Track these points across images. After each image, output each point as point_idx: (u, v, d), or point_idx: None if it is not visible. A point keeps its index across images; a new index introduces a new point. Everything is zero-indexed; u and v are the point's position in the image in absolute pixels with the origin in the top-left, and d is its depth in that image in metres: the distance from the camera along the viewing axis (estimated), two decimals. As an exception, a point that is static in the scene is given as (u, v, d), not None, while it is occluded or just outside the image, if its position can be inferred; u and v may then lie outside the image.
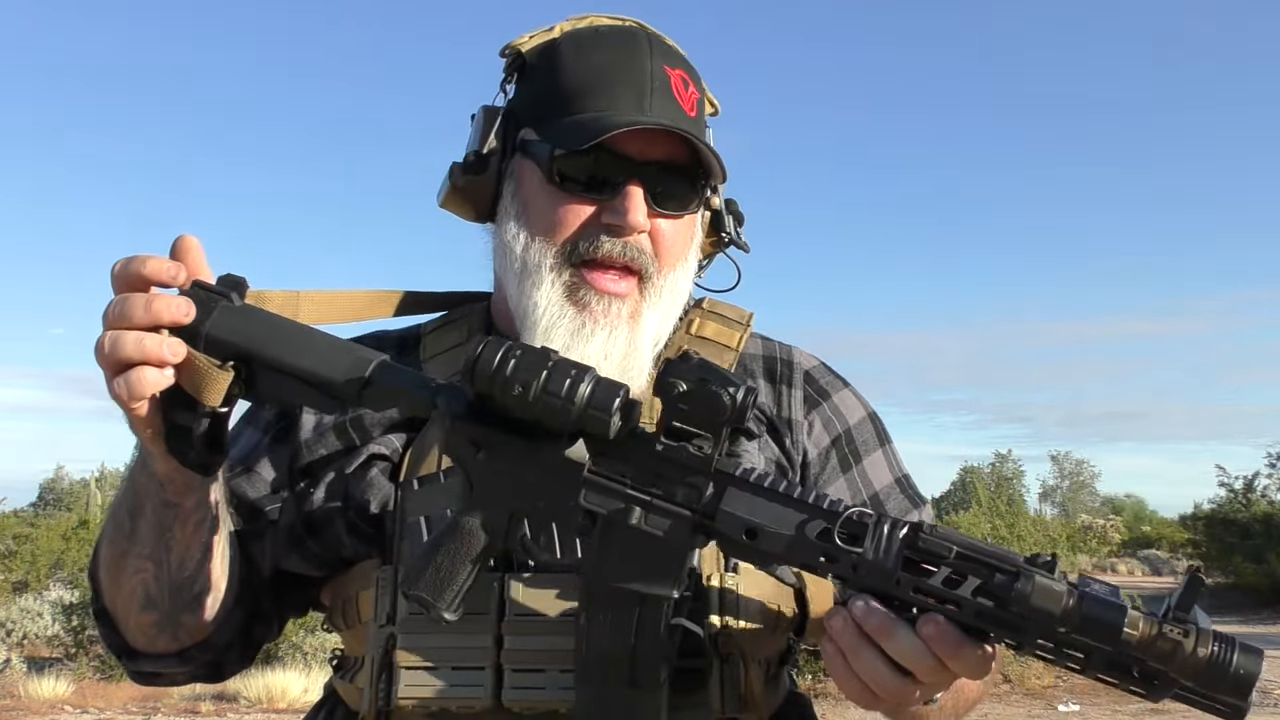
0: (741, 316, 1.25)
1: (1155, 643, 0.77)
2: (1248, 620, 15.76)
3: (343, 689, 1.17)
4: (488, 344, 0.88)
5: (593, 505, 0.90)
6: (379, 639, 1.06)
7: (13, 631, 10.93)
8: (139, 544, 1.04)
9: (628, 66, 1.13)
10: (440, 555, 0.93)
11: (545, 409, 0.87)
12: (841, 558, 0.85)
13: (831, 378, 1.28)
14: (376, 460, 1.13)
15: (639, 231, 1.11)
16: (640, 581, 0.90)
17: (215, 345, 0.92)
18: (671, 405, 0.88)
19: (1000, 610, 0.82)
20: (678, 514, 0.89)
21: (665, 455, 0.89)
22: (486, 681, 1.02)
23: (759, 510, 0.88)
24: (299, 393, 0.95)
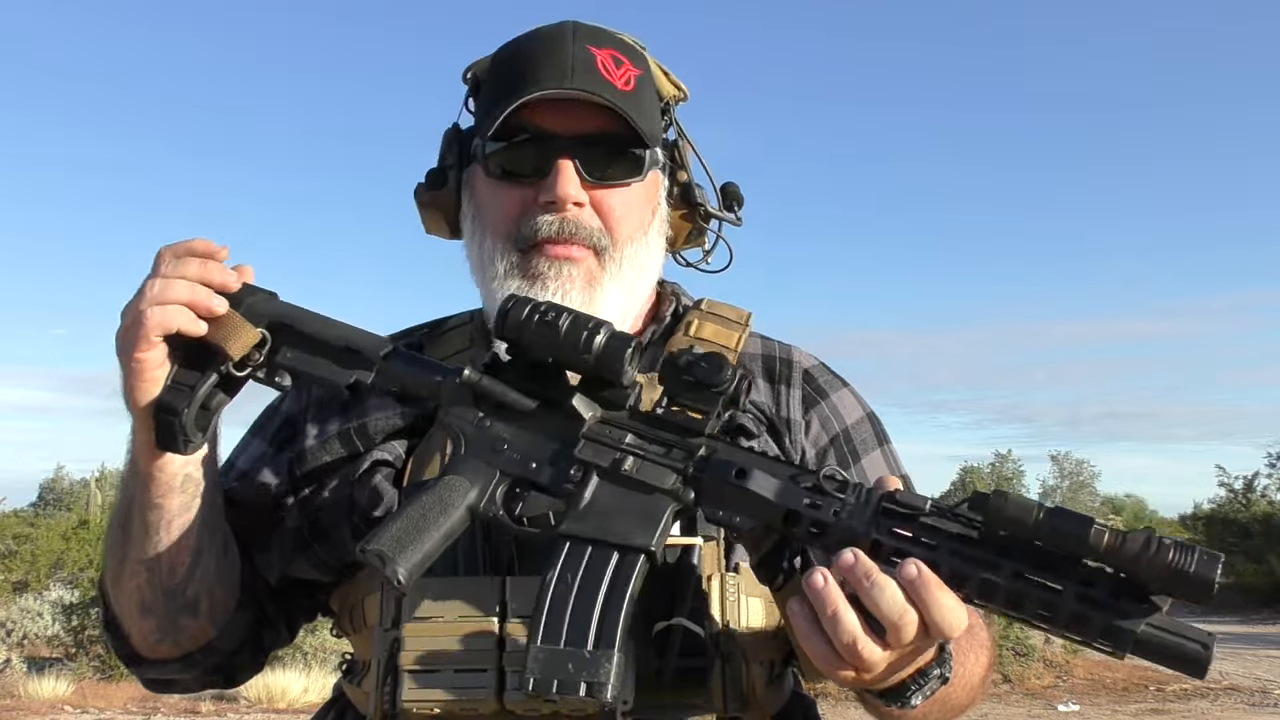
0: (740, 317, 1.25)
1: (1122, 545, 0.79)
2: (1248, 620, 15.76)
3: (351, 692, 1.18)
4: (516, 299, 0.95)
5: (587, 457, 0.94)
6: (384, 642, 1.06)
7: (13, 631, 10.94)
8: (131, 550, 1.07)
9: (548, 52, 1.14)
10: (412, 509, 0.94)
11: (570, 342, 0.92)
12: (826, 503, 0.88)
13: (830, 377, 1.28)
14: (380, 466, 1.14)
15: (572, 203, 1.12)
16: (620, 534, 0.91)
17: (254, 316, 1.00)
18: (675, 375, 0.93)
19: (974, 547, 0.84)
20: (670, 466, 0.93)
21: (664, 417, 0.94)
22: (489, 683, 1.01)
23: (750, 461, 0.92)
24: (317, 361, 1.00)
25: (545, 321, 0.92)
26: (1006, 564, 0.83)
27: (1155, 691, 9.71)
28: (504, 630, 1.03)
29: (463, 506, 0.94)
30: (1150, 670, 10.67)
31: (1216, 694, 9.54)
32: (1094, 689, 9.90)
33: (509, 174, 1.15)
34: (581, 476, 0.93)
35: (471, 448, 0.96)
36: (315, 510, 1.16)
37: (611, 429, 0.95)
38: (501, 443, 0.96)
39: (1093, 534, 0.79)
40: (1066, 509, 0.81)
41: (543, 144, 1.13)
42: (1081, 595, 0.81)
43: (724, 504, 0.91)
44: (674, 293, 1.29)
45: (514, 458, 0.95)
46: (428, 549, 0.92)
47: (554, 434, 0.95)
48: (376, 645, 1.08)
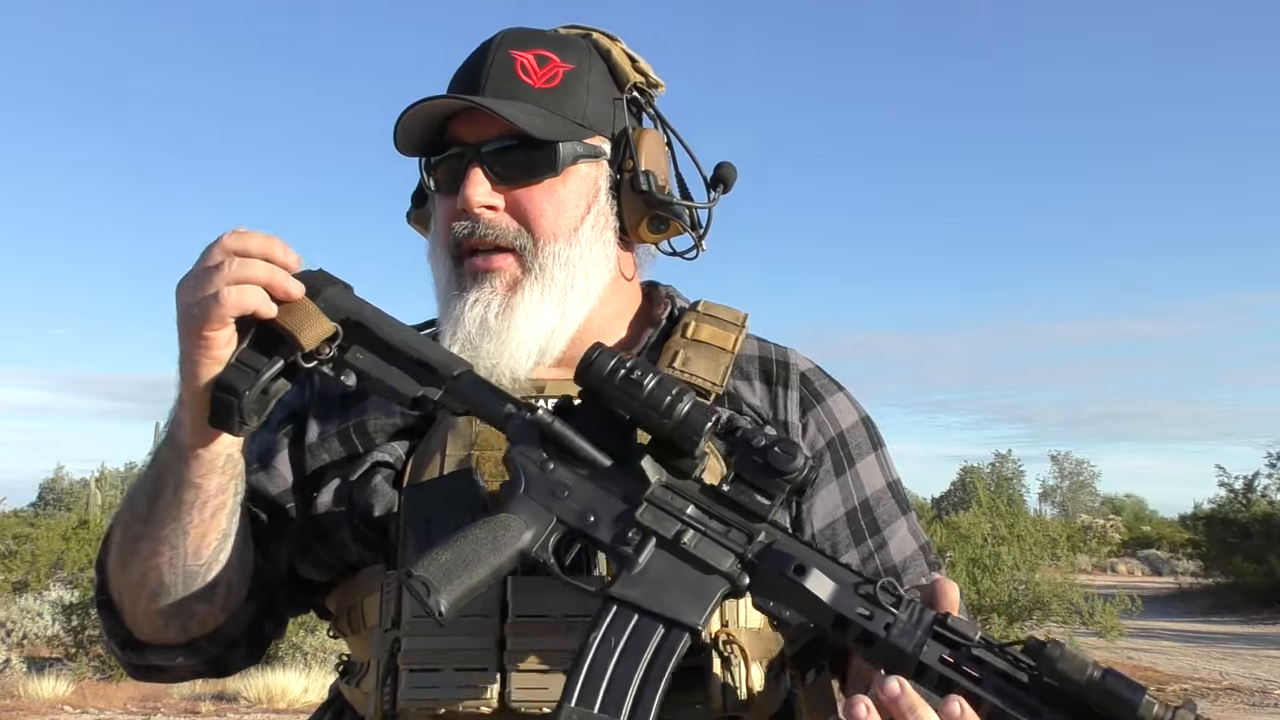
0: (736, 318, 1.25)
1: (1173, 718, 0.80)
2: (1248, 620, 15.76)
3: (349, 693, 1.17)
4: (602, 349, 0.94)
5: (648, 523, 0.92)
6: (384, 643, 1.06)
7: (13, 631, 10.94)
8: (155, 526, 1.04)
9: (470, 64, 1.18)
10: (464, 543, 0.92)
11: (653, 403, 0.91)
12: (878, 614, 0.88)
13: (826, 380, 1.27)
14: (380, 467, 1.14)
15: (478, 207, 1.13)
16: (670, 607, 0.91)
17: (330, 306, 0.98)
18: (746, 454, 0.92)
19: (1022, 689, 0.84)
20: (728, 547, 0.92)
21: (730, 496, 0.93)
22: (491, 684, 1.01)
23: (810, 558, 0.91)
24: (386, 370, 0.99)
25: (630, 379, 0.91)
26: (1048, 713, 0.83)
27: (1155, 691, 9.69)
28: (505, 630, 1.03)
29: (515, 548, 0.92)
30: (1150, 670, 10.67)
31: (1216, 694, 9.53)
32: (1094, 689, 9.89)
33: (441, 186, 1.18)
34: (639, 541, 0.92)
35: (532, 488, 0.94)
36: (314, 511, 1.15)
37: (675, 496, 0.94)
38: (563, 489, 0.94)
39: (1143, 704, 0.80)
40: (1120, 673, 0.81)
41: (459, 155, 1.16)
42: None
43: (777, 596, 0.91)
44: (669, 295, 1.29)
45: (573, 507, 0.94)
46: (473, 585, 0.91)
47: (617, 491, 0.94)
48: (376, 646, 1.08)
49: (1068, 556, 13.74)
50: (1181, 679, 10.23)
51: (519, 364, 1.13)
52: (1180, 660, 11.49)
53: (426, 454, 1.12)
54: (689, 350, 1.19)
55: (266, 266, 0.95)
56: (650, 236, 1.25)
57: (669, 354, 1.19)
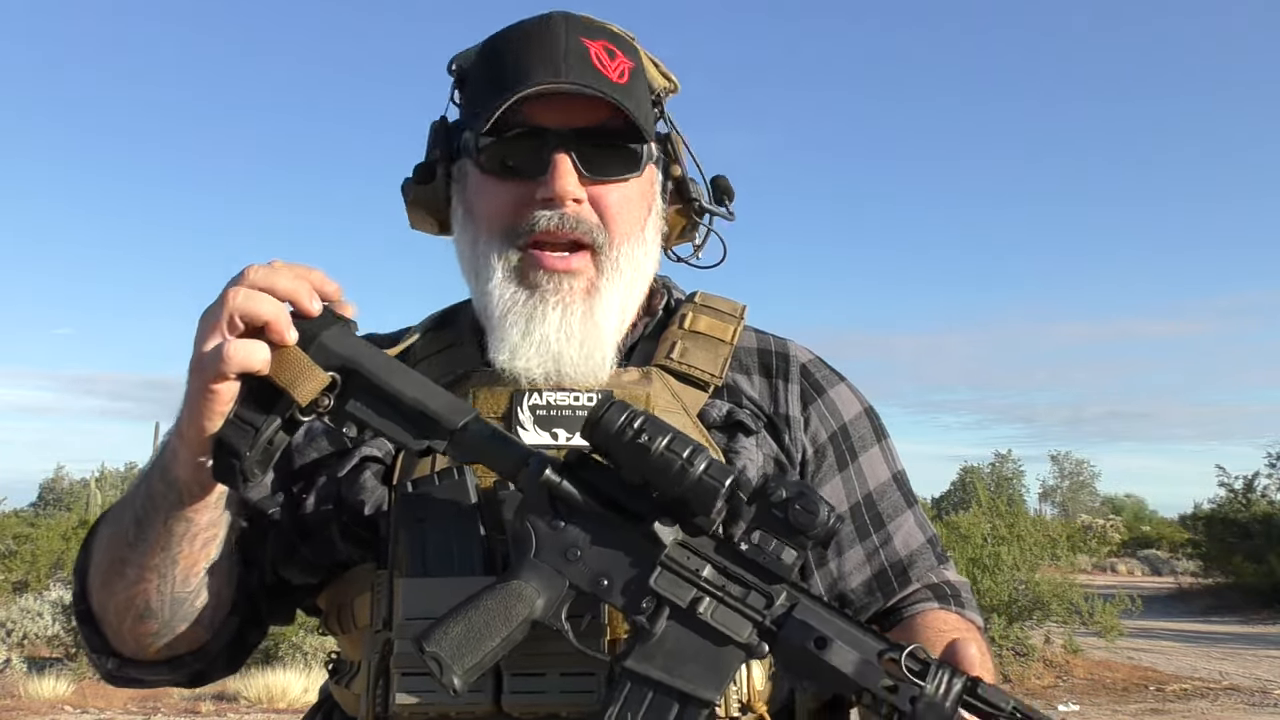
0: (734, 310, 1.23)
1: None
2: (1248, 620, 15.75)
3: (339, 694, 1.15)
4: (613, 403, 0.89)
5: (663, 590, 0.89)
6: (375, 644, 1.05)
7: (13, 631, 10.92)
8: (143, 554, 1.02)
9: (539, 44, 1.11)
10: (475, 613, 0.89)
11: (662, 467, 0.87)
12: (904, 688, 0.85)
13: (828, 372, 1.26)
14: (369, 463, 1.12)
15: (571, 199, 1.09)
16: (686, 681, 0.88)
17: (323, 353, 0.93)
18: (766, 509, 0.88)
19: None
20: (746, 614, 0.89)
21: (747, 555, 0.89)
22: (485, 686, 1.00)
23: (830, 627, 0.88)
24: (387, 421, 0.94)
25: (639, 444, 0.87)
26: None
27: (1155, 691, 9.70)
28: None
29: (526, 618, 0.90)
30: (1150, 670, 10.67)
31: (1216, 694, 9.52)
32: (1094, 689, 9.89)
33: (503, 169, 1.12)
34: (654, 609, 0.89)
35: (543, 551, 0.91)
36: (302, 509, 1.14)
37: (691, 556, 0.90)
38: (575, 550, 0.91)
39: None
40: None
41: (538, 139, 1.09)
42: None
43: (797, 667, 0.88)
44: (665, 285, 1.27)
45: (585, 571, 0.91)
46: (484, 658, 0.89)
47: (630, 553, 0.90)
48: (367, 647, 1.06)
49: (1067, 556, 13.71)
50: (1181, 679, 10.22)
51: (603, 371, 1.11)
52: (1180, 660, 11.48)
53: None
54: (687, 341, 1.18)
55: (274, 306, 0.91)
56: (677, 240, 1.27)
57: (666, 345, 1.18)
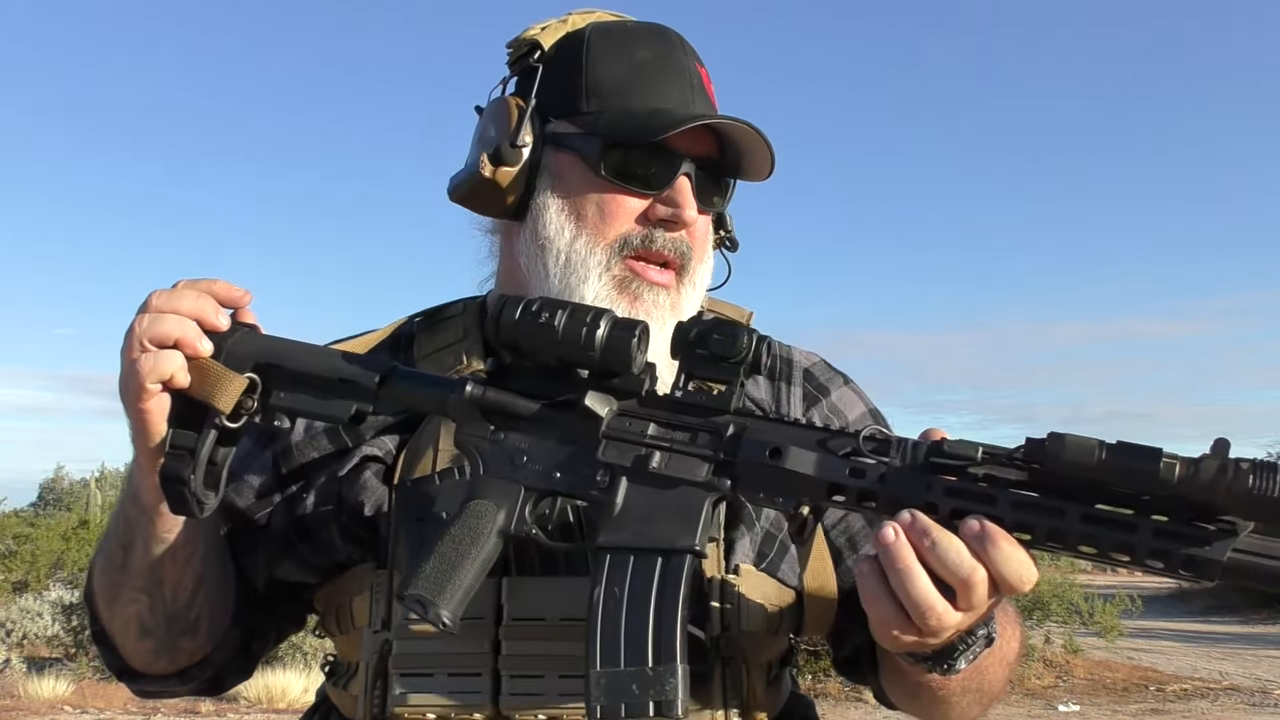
0: (741, 316, 1.25)
1: (1196, 475, 0.72)
2: (1248, 620, 15.76)
3: (336, 695, 1.15)
4: (507, 299, 0.90)
5: (611, 459, 0.89)
6: (373, 645, 1.05)
7: (13, 631, 10.93)
8: (131, 576, 1.05)
9: (669, 63, 1.14)
10: (444, 545, 0.89)
11: (570, 339, 0.88)
12: (869, 470, 0.83)
13: (831, 374, 1.27)
14: (370, 462, 1.12)
15: (690, 225, 1.12)
16: (661, 537, 0.87)
17: (235, 360, 0.95)
18: (689, 350, 0.89)
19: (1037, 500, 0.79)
20: (700, 455, 0.88)
21: (685, 400, 0.90)
22: (485, 688, 1.00)
23: (783, 438, 0.86)
24: (313, 402, 0.96)
25: (540, 323, 0.88)
26: (1073, 508, 0.78)
27: (1155, 691, 9.70)
28: (499, 633, 1.01)
29: (494, 532, 0.90)
30: (1150, 670, 10.67)
31: (1216, 694, 9.53)
32: (1094, 689, 9.89)
33: (624, 178, 1.11)
34: (609, 480, 0.89)
35: (490, 465, 0.92)
36: (301, 509, 1.14)
37: (632, 421, 0.90)
38: (520, 455, 0.91)
39: (1163, 468, 0.73)
40: (1130, 443, 0.75)
41: (668, 159, 1.11)
42: (1159, 530, 0.76)
43: (763, 487, 0.87)
44: None
45: (536, 469, 0.91)
46: (467, 585, 0.88)
47: (573, 437, 0.90)
48: (365, 648, 1.06)
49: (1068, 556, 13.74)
50: (1181, 679, 10.23)
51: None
52: (1180, 660, 11.49)
53: (418, 449, 1.10)
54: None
55: (180, 324, 0.93)
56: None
57: None
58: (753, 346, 0.88)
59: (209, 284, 0.97)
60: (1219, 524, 0.75)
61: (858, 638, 1.14)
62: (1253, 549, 0.75)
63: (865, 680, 1.19)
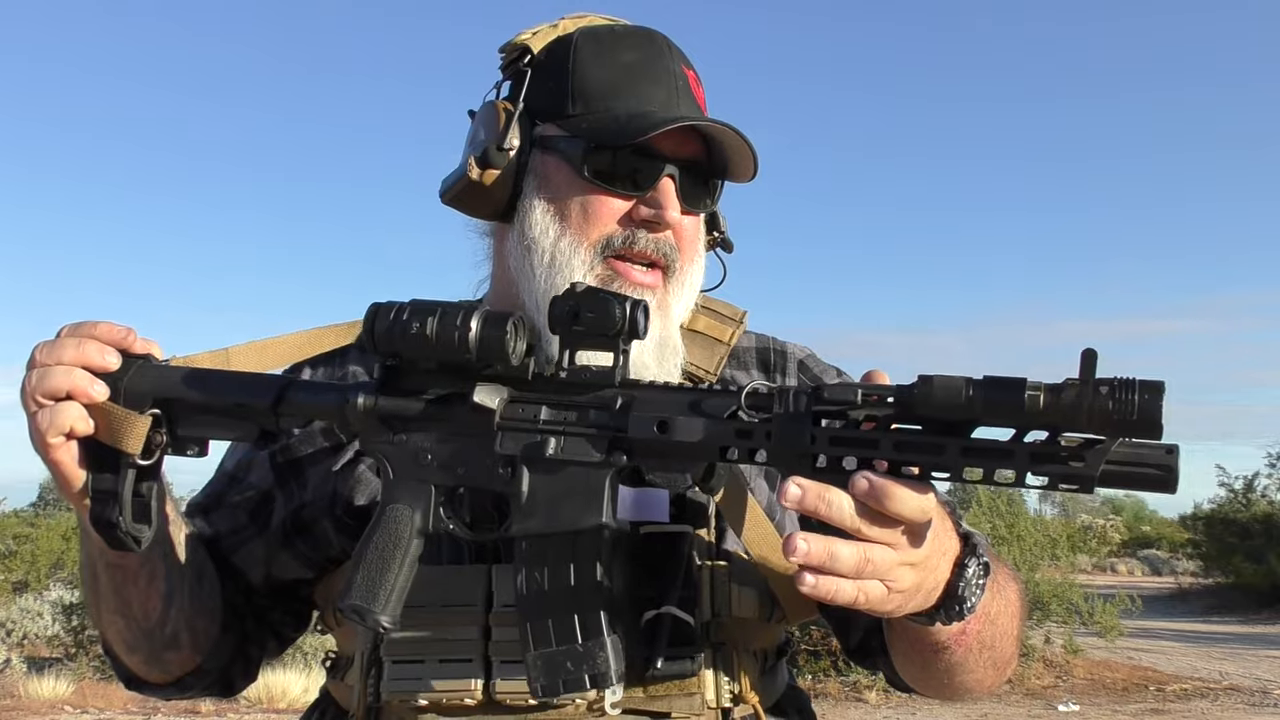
0: (735, 314, 1.25)
1: (1059, 399, 0.75)
2: (1248, 620, 15.75)
3: (334, 688, 1.17)
4: (379, 307, 0.90)
5: (508, 449, 0.91)
6: (367, 635, 1.06)
7: (13, 631, 10.94)
8: (104, 599, 1.09)
9: (654, 66, 1.14)
10: (369, 554, 0.93)
11: (445, 343, 0.88)
12: (755, 429, 0.84)
13: (824, 366, 1.28)
14: (364, 457, 1.13)
15: (672, 227, 1.13)
16: (569, 519, 0.89)
17: (133, 398, 0.96)
18: (566, 327, 0.90)
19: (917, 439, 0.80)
20: (592, 433, 0.89)
21: (569, 380, 0.90)
22: (476, 674, 1.01)
23: (669, 406, 0.88)
24: (220, 426, 0.97)
25: (412, 333, 0.88)
26: (952, 442, 0.80)
27: (1155, 691, 9.70)
28: (489, 620, 1.02)
29: (414, 534, 0.93)
30: (1150, 670, 10.66)
31: (1216, 694, 9.53)
32: (1094, 689, 9.89)
33: (607, 180, 1.12)
34: (512, 471, 0.91)
35: (398, 469, 0.93)
36: (297, 505, 1.15)
37: (524, 407, 0.91)
38: (424, 454, 0.93)
39: (1028, 400, 0.76)
40: (996, 377, 0.78)
41: (648, 160, 1.11)
42: (1035, 454, 0.78)
43: (658, 459, 0.90)
44: None
45: (441, 466, 0.93)
46: (399, 586, 0.92)
47: (470, 430, 0.92)
48: (360, 638, 1.08)
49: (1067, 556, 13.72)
50: (1181, 679, 10.22)
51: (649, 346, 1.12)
52: (1180, 660, 11.48)
53: None
54: (684, 340, 1.18)
55: (68, 375, 0.93)
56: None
57: None
58: (628, 314, 0.89)
59: (90, 327, 0.97)
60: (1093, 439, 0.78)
61: (862, 623, 1.15)
62: (1122, 458, 0.78)
63: (878, 666, 1.18)
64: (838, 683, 9.23)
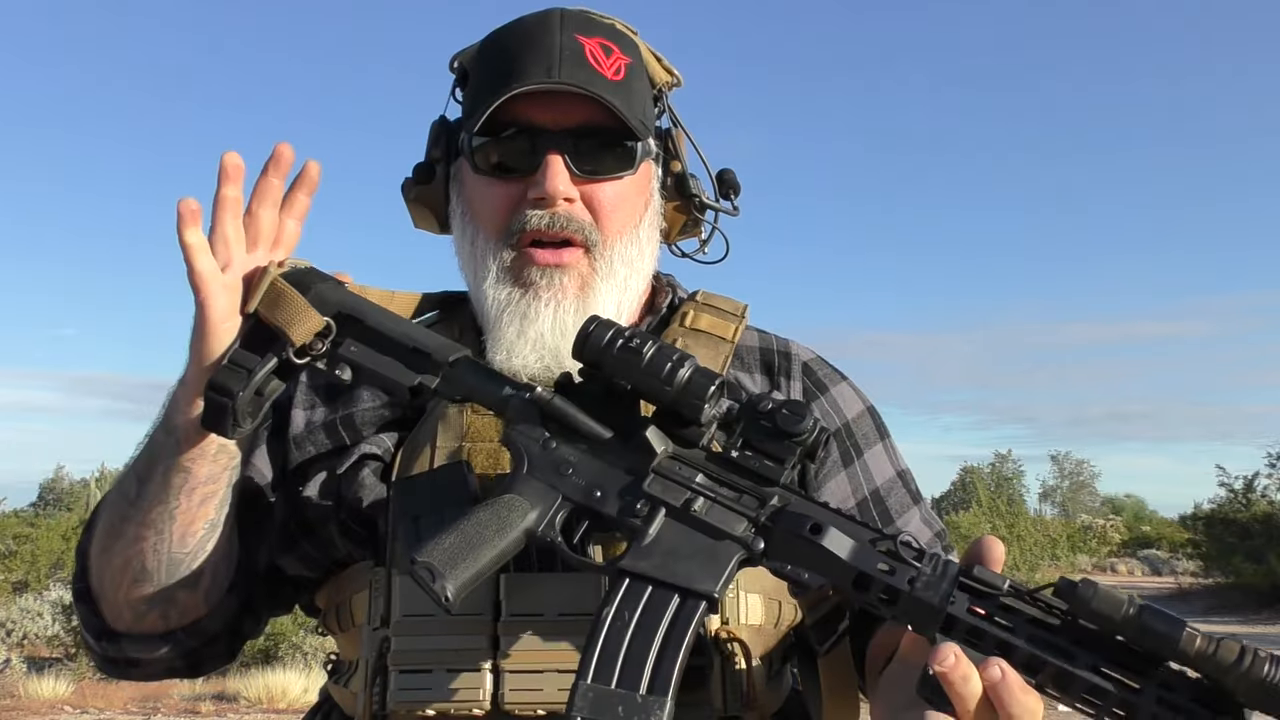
0: (736, 309, 1.23)
1: (1215, 654, 0.75)
2: (1248, 620, 15.74)
3: (337, 694, 1.15)
4: (599, 321, 0.92)
5: (656, 493, 0.90)
6: (373, 642, 1.04)
7: (13, 631, 10.94)
8: (142, 510, 1.02)
9: (535, 42, 1.10)
10: (468, 525, 0.90)
11: (653, 371, 0.89)
12: (900, 570, 0.85)
13: (829, 370, 1.26)
14: (368, 460, 1.11)
15: (562, 199, 1.09)
16: (683, 576, 0.88)
17: (320, 300, 0.98)
18: (753, 418, 0.90)
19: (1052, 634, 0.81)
20: (740, 512, 0.90)
21: (739, 462, 0.90)
22: (484, 684, 1.00)
23: (824, 517, 0.88)
24: (382, 363, 0.98)
25: (629, 349, 0.90)
26: (1084, 655, 0.79)
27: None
28: (498, 629, 1.01)
29: (521, 528, 0.91)
30: (1150, 670, 10.64)
31: (1217, 694, 9.51)
32: (1094, 689, 9.88)
33: (497, 169, 1.12)
34: (648, 512, 0.90)
35: (534, 468, 0.93)
36: (301, 505, 1.13)
37: (683, 466, 0.91)
38: (567, 466, 0.92)
39: (1184, 639, 0.76)
40: (1157, 608, 0.77)
41: (531, 138, 1.10)
42: (1161, 699, 0.78)
43: (794, 558, 0.88)
44: (670, 284, 1.27)
45: (579, 484, 0.92)
46: (480, 568, 0.89)
47: (622, 464, 0.92)
48: (365, 645, 1.06)
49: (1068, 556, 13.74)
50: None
51: None
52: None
53: (416, 446, 1.10)
54: (688, 339, 1.17)
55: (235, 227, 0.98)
56: (679, 236, 1.27)
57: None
58: (815, 433, 0.90)
59: None
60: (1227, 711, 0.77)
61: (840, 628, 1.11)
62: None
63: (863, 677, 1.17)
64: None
